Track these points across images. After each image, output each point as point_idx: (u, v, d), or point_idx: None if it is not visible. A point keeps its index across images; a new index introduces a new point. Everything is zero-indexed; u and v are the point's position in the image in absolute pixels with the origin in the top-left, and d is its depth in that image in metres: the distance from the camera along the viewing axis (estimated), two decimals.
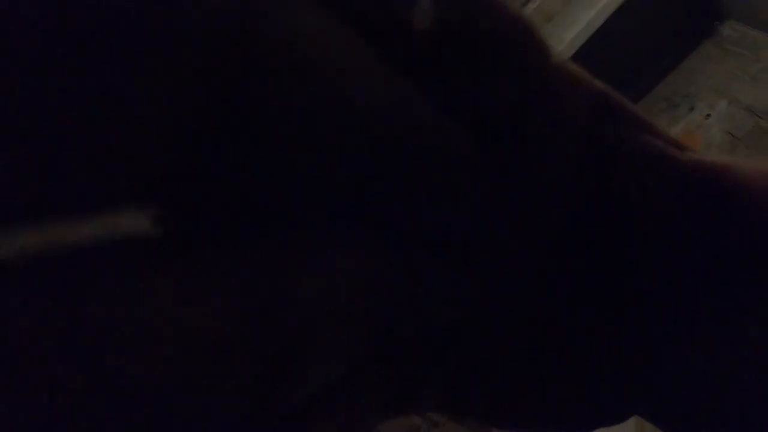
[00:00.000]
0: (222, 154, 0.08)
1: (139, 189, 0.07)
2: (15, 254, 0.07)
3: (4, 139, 0.06)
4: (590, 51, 1.41)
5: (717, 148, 1.43)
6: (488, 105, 0.10)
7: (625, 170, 0.13)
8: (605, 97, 0.13)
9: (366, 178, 0.09)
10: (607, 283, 0.13)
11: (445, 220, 0.10)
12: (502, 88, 0.10)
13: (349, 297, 0.09)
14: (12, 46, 0.06)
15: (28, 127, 0.06)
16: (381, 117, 0.09)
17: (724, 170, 0.13)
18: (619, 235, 0.13)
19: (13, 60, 0.06)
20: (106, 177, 0.07)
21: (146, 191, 0.07)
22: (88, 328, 0.07)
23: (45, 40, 0.06)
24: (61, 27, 0.06)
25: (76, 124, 0.07)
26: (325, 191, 0.09)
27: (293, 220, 0.09)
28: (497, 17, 0.10)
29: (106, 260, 0.07)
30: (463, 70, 0.10)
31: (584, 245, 0.13)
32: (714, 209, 0.13)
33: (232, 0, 0.07)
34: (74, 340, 0.07)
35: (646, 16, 1.56)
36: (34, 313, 0.07)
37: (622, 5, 1.37)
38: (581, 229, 0.13)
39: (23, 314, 0.07)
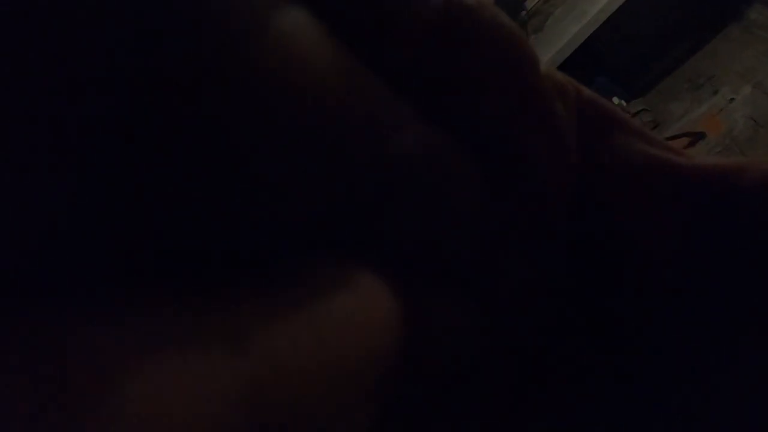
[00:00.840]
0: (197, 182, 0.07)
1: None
2: None
3: None
4: (615, 26, 1.39)
5: (739, 133, 1.41)
6: (479, 119, 0.10)
7: (621, 182, 0.12)
8: (594, 107, 0.13)
9: (363, 201, 0.09)
10: (610, 306, 0.13)
11: (447, 244, 0.10)
12: (492, 102, 0.10)
13: (359, 341, 0.08)
14: None
15: None
16: (376, 134, 0.08)
17: (737, 171, 0.12)
18: (620, 253, 0.12)
19: None
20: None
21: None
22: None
23: None
24: None
25: None
26: (320, 217, 0.08)
27: (281, 255, 0.08)
28: (488, 27, 0.10)
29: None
30: (452, 84, 0.10)
31: (583, 266, 0.13)
32: (726, 212, 0.12)
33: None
34: None
35: None
36: None
37: None
38: (579, 248, 0.12)
39: None
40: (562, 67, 1.34)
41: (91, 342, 0.06)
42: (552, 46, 1.37)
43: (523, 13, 1.50)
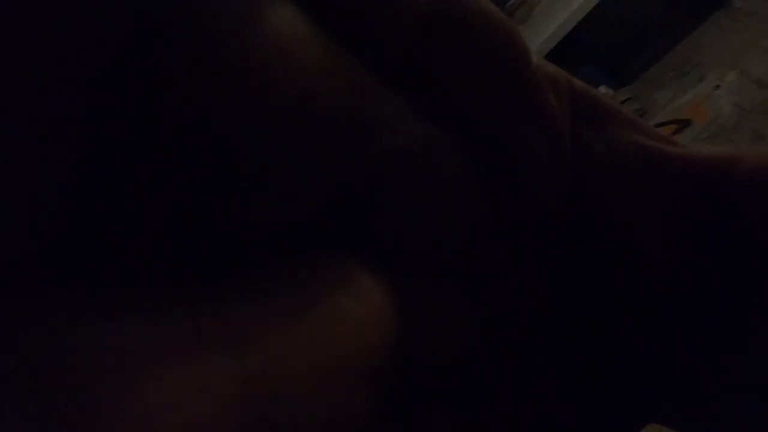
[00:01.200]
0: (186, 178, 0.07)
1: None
2: None
3: None
4: (601, 15, 1.39)
5: (725, 119, 1.41)
6: (473, 114, 0.10)
7: (618, 175, 0.12)
8: (587, 98, 0.12)
9: (361, 199, 0.09)
10: (609, 305, 0.13)
11: (445, 242, 0.10)
12: (486, 96, 0.10)
13: (353, 336, 0.08)
14: None
15: None
16: (372, 132, 0.08)
17: (731, 161, 0.12)
18: (619, 251, 0.12)
19: None
20: None
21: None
22: None
23: None
24: None
25: None
26: (315, 213, 0.08)
27: (279, 254, 0.08)
28: (479, 19, 0.09)
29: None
30: (446, 79, 0.09)
31: (583, 265, 0.12)
32: (719, 205, 0.11)
33: None
34: None
35: None
36: None
37: None
38: (578, 246, 0.12)
39: None
40: (548, 57, 1.34)
41: (90, 342, 0.06)
42: (539, 36, 1.37)
43: (509, 3, 1.50)
